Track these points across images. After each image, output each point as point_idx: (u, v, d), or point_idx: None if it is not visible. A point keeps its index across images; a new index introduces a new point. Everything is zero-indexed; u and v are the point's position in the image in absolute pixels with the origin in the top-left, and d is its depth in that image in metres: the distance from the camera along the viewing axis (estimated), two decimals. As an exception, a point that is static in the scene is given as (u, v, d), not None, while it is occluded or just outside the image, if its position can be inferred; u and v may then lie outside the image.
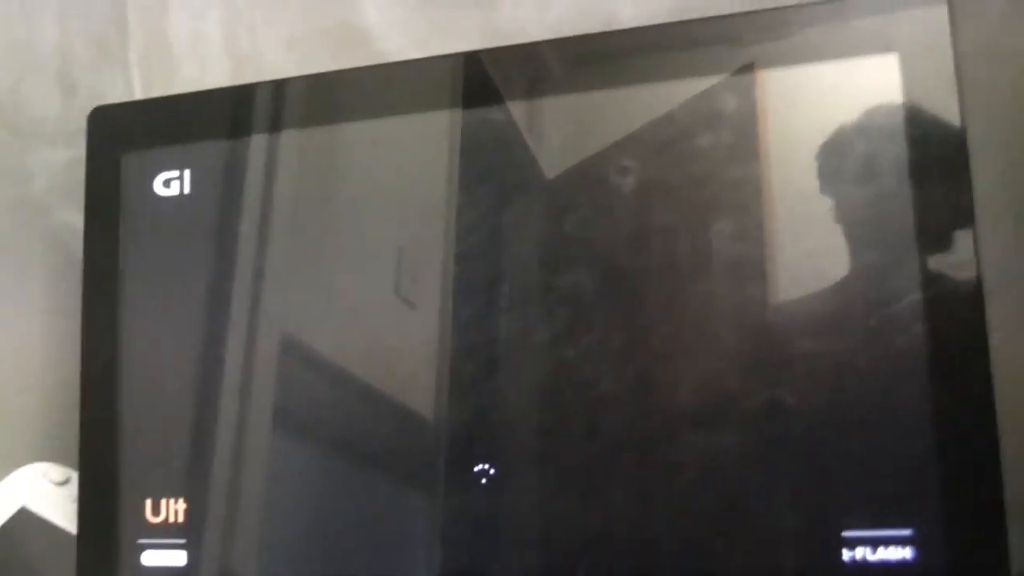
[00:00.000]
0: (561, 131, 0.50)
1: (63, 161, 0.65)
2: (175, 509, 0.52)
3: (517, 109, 0.51)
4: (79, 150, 0.58)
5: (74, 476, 0.55)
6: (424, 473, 0.49)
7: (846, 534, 0.43)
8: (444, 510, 0.48)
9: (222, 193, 0.55)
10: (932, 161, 0.44)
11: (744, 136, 0.47)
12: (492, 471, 0.48)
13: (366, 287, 0.51)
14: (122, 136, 0.57)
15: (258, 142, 0.55)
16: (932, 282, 0.43)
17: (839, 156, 0.46)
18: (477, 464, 0.48)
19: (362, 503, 0.50)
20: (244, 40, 0.64)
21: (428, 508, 0.49)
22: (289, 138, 0.54)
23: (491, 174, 0.50)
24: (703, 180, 0.47)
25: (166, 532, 0.52)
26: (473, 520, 0.48)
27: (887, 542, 0.43)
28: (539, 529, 0.48)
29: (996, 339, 0.43)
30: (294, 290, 0.53)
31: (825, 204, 0.46)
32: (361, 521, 0.50)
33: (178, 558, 0.52)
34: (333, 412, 0.51)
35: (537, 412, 0.49)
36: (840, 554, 0.43)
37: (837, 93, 0.46)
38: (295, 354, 0.52)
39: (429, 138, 0.52)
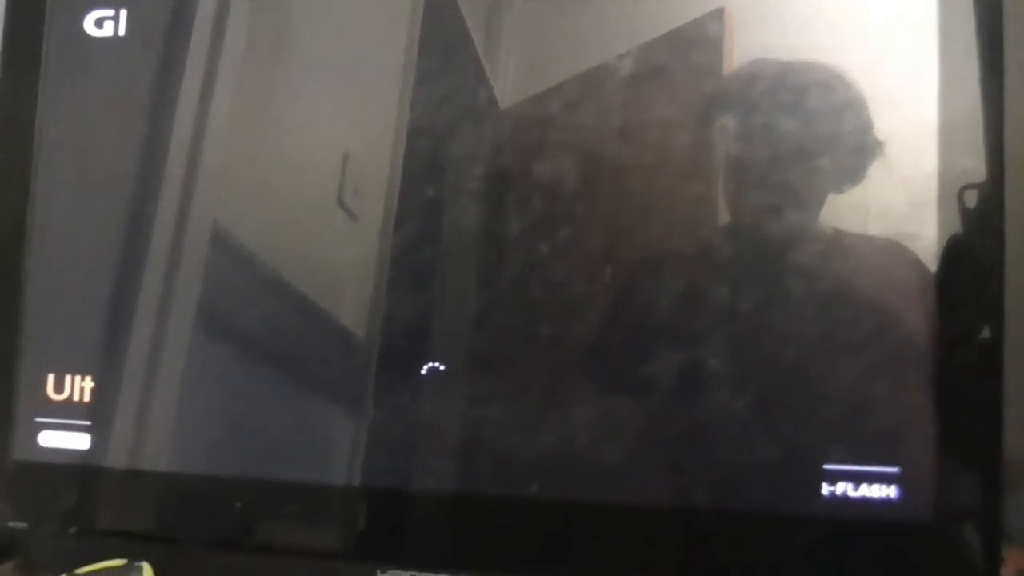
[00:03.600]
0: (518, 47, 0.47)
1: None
2: (81, 387, 0.47)
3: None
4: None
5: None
6: (351, 381, 0.46)
7: (828, 467, 0.40)
8: (372, 417, 0.45)
9: (162, 41, 0.49)
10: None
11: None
12: (425, 378, 0.45)
13: (309, 192, 0.48)
14: (50, -37, 0.50)
15: (207, -15, 0.49)
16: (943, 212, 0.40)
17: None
18: (411, 373, 0.45)
19: (283, 406, 0.46)
20: None
21: (354, 414, 0.46)
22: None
23: (445, 77, 0.47)
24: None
25: (69, 411, 0.47)
26: (400, 428, 0.45)
27: (871, 479, 0.40)
28: (476, 440, 0.44)
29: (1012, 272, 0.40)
30: (231, 175, 0.48)
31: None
32: (281, 424, 0.46)
33: (80, 441, 0.47)
34: (262, 312, 0.48)
35: (478, 323, 0.46)
36: (819, 487, 0.40)
37: None
38: (226, 246, 0.48)
39: (387, 7, 0.48)
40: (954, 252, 0.40)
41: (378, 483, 0.45)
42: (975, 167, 0.40)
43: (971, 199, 0.40)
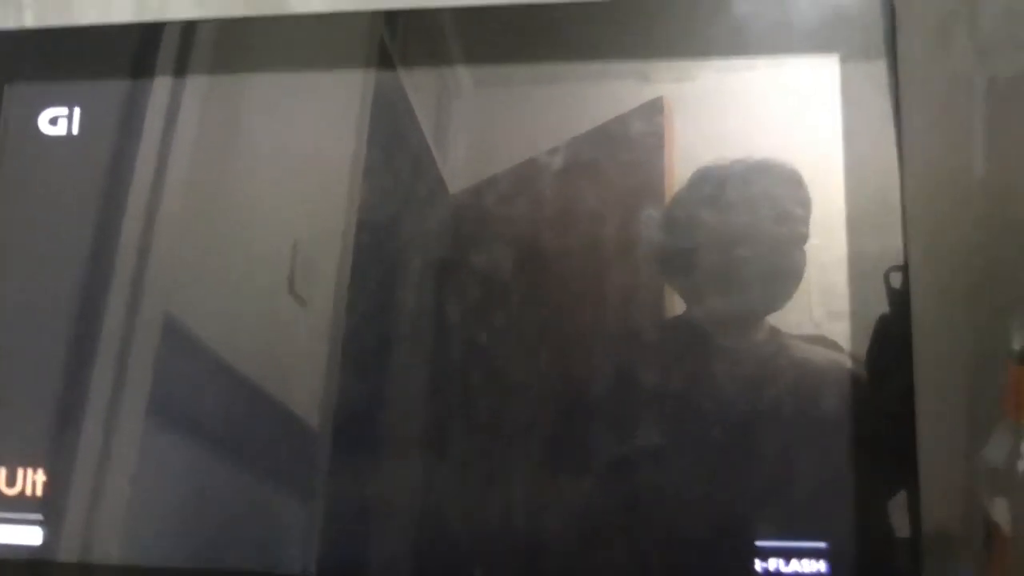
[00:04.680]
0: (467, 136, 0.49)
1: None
2: (33, 480, 0.47)
3: (422, 96, 0.49)
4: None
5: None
6: (304, 468, 0.46)
7: (760, 543, 0.42)
8: (322, 505, 0.46)
9: (114, 138, 0.50)
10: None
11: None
12: (378, 465, 0.45)
13: (259, 279, 0.48)
14: (7, 64, 0.51)
15: (160, 85, 0.50)
16: (858, 303, 0.43)
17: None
18: (359, 460, 0.46)
19: (236, 494, 0.46)
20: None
21: (305, 503, 0.46)
22: (193, 85, 0.50)
23: (395, 171, 0.48)
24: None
25: (21, 505, 0.47)
26: (353, 514, 0.45)
27: (801, 554, 0.41)
28: (428, 524, 0.45)
29: (918, 346, 0.42)
30: (183, 266, 0.49)
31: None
32: (233, 512, 0.46)
33: (33, 535, 0.47)
34: (213, 402, 0.48)
35: (424, 408, 0.46)
36: (752, 564, 0.42)
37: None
38: (177, 336, 0.48)
39: (337, 101, 0.49)
40: (880, 332, 0.43)
41: (333, 571, 0.45)
42: (895, 248, 0.43)
43: (896, 280, 0.43)
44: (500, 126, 0.49)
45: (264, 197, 0.49)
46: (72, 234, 0.49)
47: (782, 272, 0.44)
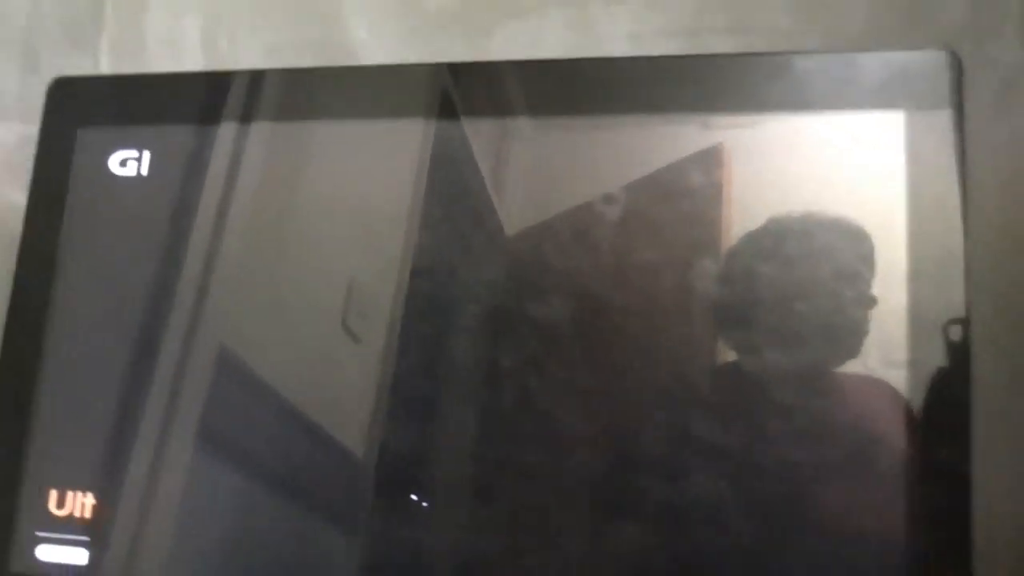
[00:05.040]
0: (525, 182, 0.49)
1: (15, 139, 0.62)
2: (82, 503, 0.47)
3: (483, 145, 0.49)
4: (34, 127, 0.54)
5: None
6: (348, 504, 0.46)
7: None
8: (366, 543, 0.45)
9: (180, 180, 0.51)
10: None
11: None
12: (424, 506, 0.45)
13: (313, 314, 0.49)
14: (82, 109, 0.53)
15: (225, 131, 0.52)
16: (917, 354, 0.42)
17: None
18: (406, 499, 0.45)
19: (281, 528, 0.46)
20: (223, 41, 0.62)
21: (350, 540, 0.45)
22: (258, 131, 0.52)
23: (452, 216, 0.49)
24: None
25: (69, 527, 0.47)
26: (396, 553, 0.45)
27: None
28: (470, 570, 0.44)
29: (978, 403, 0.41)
30: (239, 301, 0.50)
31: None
32: (278, 546, 0.46)
33: (79, 556, 0.47)
34: (262, 433, 0.48)
35: (472, 453, 0.46)
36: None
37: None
38: (230, 368, 0.49)
39: (399, 148, 0.50)
40: (937, 386, 0.41)
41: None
42: (956, 302, 0.42)
43: (956, 333, 0.42)
44: (559, 171, 0.49)
45: (322, 239, 0.50)
46: (136, 268, 0.50)
47: (843, 329, 0.43)
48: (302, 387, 0.48)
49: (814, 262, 0.44)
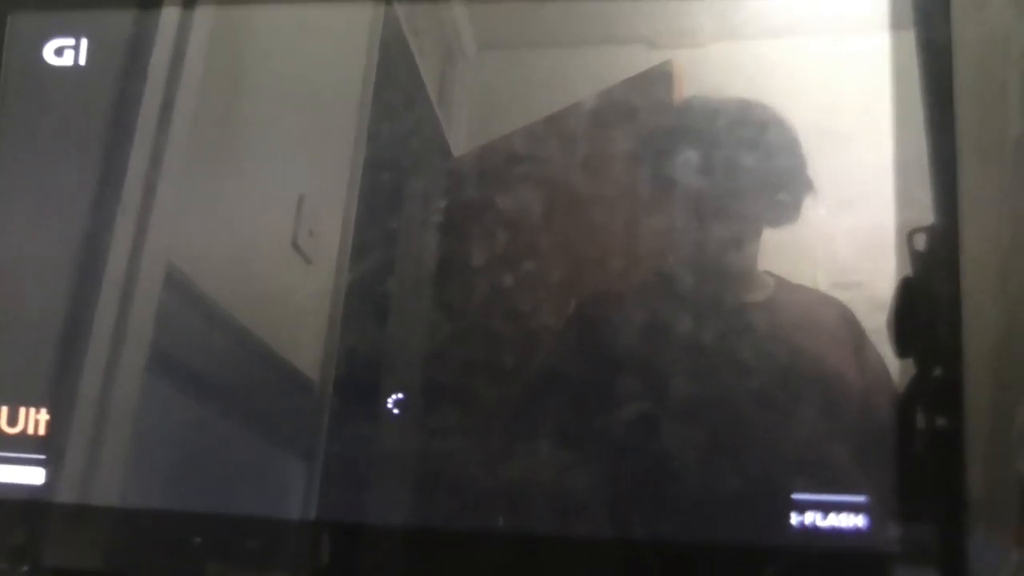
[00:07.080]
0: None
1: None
2: (35, 420, 0.46)
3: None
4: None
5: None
6: (305, 417, 0.45)
7: (796, 497, 0.40)
8: (324, 451, 0.44)
9: (121, 71, 0.48)
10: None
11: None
12: (383, 412, 0.44)
13: (263, 234, 0.47)
14: (13, -7, 0.49)
15: (168, 16, 0.48)
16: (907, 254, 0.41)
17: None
18: (364, 407, 0.44)
19: (236, 447, 0.45)
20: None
21: (306, 450, 0.45)
22: (203, 15, 0.48)
23: (400, 121, 0.47)
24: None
25: (23, 445, 0.46)
26: (357, 461, 0.44)
27: (839, 508, 0.40)
28: (437, 472, 0.44)
29: (968, 309, 0.40)
30: (187, 215, 0.47)
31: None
32: (234, 459, 0.45)
33: (35, 475, 0.46)
34: (214, 352, 0.47)
35: (429, 359, 0.45)
36: (789, 518, 0.40)
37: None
38: (179, 287, 0.47)
39: (348, 35, 0.48)
40: (907, 293, 0.41)
41: (337, 518, 0.44)
42: (922, 210, 0.41)
43: (920, 242, 0.41)
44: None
45: (269, 149, 0.47)
46: (75, 170, 0.48)
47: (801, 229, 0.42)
48: (253, 308, 0.46)
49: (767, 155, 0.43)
